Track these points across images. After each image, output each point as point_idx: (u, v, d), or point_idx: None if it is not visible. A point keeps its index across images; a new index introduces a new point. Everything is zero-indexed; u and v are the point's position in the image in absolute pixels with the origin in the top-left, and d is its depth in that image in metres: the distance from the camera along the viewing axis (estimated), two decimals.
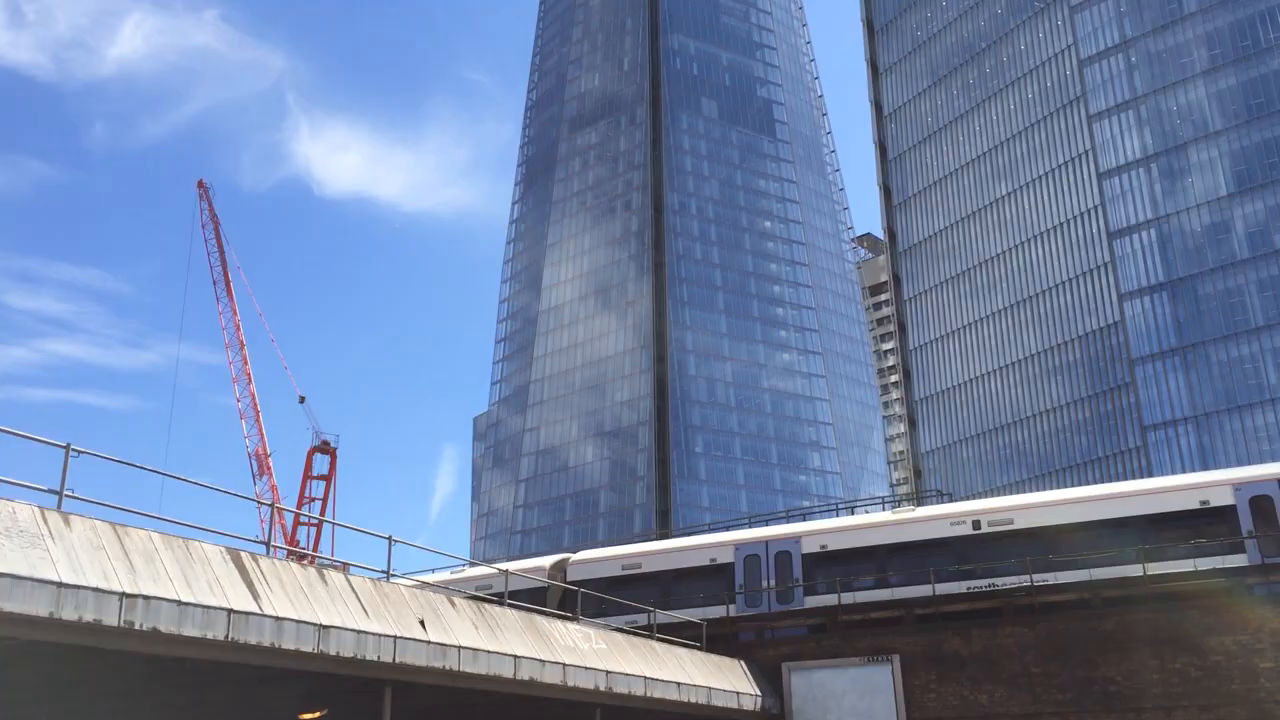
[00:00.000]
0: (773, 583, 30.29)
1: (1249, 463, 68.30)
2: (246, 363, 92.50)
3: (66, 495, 13.53)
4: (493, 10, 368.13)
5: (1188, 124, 79.07)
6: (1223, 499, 26.27)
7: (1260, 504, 25.87)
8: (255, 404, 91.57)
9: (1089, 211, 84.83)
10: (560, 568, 33.77)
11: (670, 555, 32.51)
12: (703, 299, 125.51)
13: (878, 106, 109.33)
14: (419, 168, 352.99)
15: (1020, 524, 28.12)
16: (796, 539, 30.64)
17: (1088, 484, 65.14)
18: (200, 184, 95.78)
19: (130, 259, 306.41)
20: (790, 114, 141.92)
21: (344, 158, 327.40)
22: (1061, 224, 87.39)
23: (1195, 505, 26.54)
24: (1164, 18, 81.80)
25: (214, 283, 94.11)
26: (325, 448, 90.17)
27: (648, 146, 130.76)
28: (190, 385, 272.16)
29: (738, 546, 31.28)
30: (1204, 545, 25.85)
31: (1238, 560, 25.39)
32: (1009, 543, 27.89)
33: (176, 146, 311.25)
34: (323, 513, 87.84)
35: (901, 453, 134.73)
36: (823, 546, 30.11)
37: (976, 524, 28.54)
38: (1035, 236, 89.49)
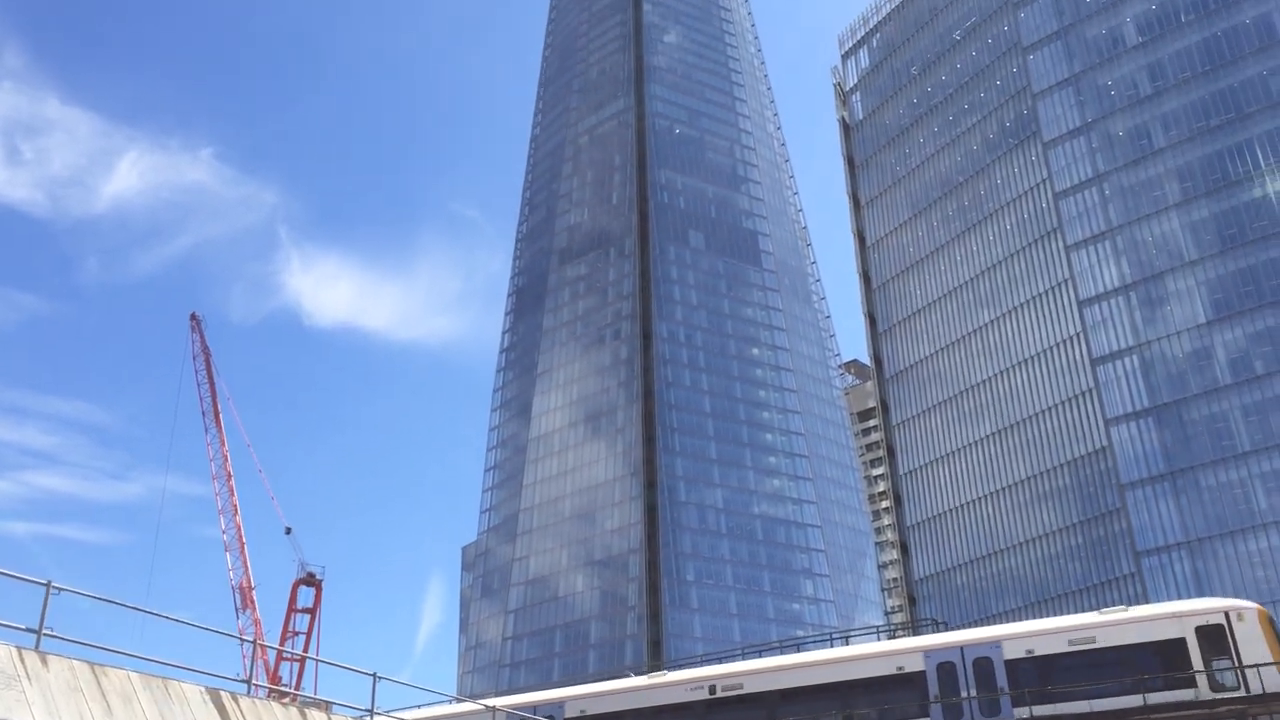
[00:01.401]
0: None
1: (1244, 589, 67.76)
2: (233, 494, 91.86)
3: (45, 634, 13.41)
4: (484, 146, 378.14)
5: (1164, 254, 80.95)
6: (915, 665, 27.20)
7: (946, 670, 26.89)
8: (240, 536, 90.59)
9: (1071, 338, 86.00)
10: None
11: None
12: (692, 425, 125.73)
13: (860, 237, 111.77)
14: (408, 298, 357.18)
15: (749, 689, 28.59)
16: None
17: (1083, 611, 64.46)
18: (193, 316, 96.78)
19: (117, 391, 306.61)
20: (775, 244, 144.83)
21: (334, 289, 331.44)
22: (1045, 350, 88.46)
23: (894, 671, 27.36)
24: (1135, 153, 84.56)
25: (203, 414, 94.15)
26: (310, 580, 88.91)
27: (636, 277, 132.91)
28: (174, 517, 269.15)
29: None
30: (898, 709, 26.96)
31: None
32: (739, 707, 28.38)
33: (168, 280, 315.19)
34: (306, 647, 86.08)
35: (895, 580, 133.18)
36: (581, 711, 30.51)
37: (712, 689, 28.97)
38: (1020, 363, 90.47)
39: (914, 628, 76.82)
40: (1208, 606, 26.21)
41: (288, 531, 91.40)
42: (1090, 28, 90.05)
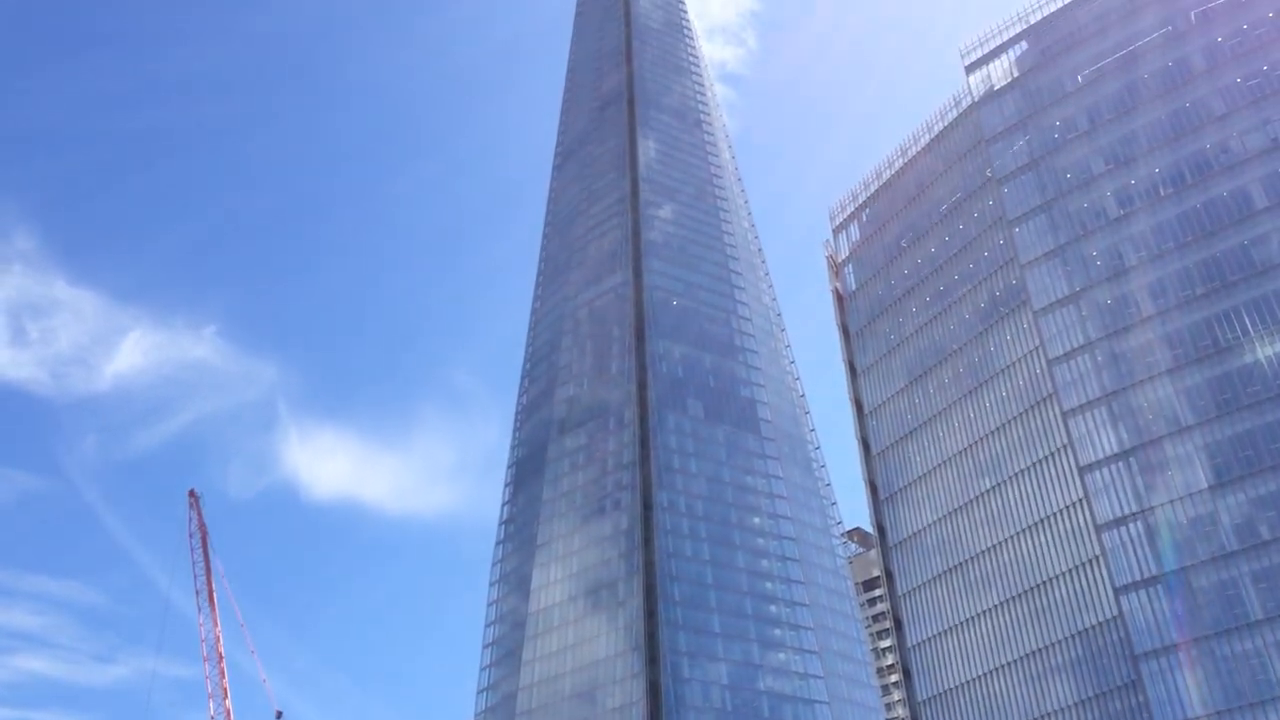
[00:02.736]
0: None
1: None
2: (224, 676, 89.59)
3: None
4: (483, 318, 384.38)
5: (1160, 419, 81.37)
6: None
7: None
8: None
9: (1074, 505, 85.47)
10: None
11: None
12: (694, 597, 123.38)
13: (858, 404, 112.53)
14: (406, 470, 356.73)
15: None
16: None
17: None
18: (191, 493, 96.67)
19: (109, 569, 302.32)
20: (774, 412, 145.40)
21: (332, 462, 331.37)
22: (1048, 517, 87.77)
23: None
24: (1123, 321, 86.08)
25: (196, 593, 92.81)
26: None
27: (636, 446, 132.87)
28: (161, 700, 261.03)
29: None
30: None
31: None
32: None
33: (166, 456, 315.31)
34: None
35: None
36: None
37: None
38: (1024, 530, 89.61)
39: None
40: None
41: (279, 716, 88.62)
42: (1072, 202, 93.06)
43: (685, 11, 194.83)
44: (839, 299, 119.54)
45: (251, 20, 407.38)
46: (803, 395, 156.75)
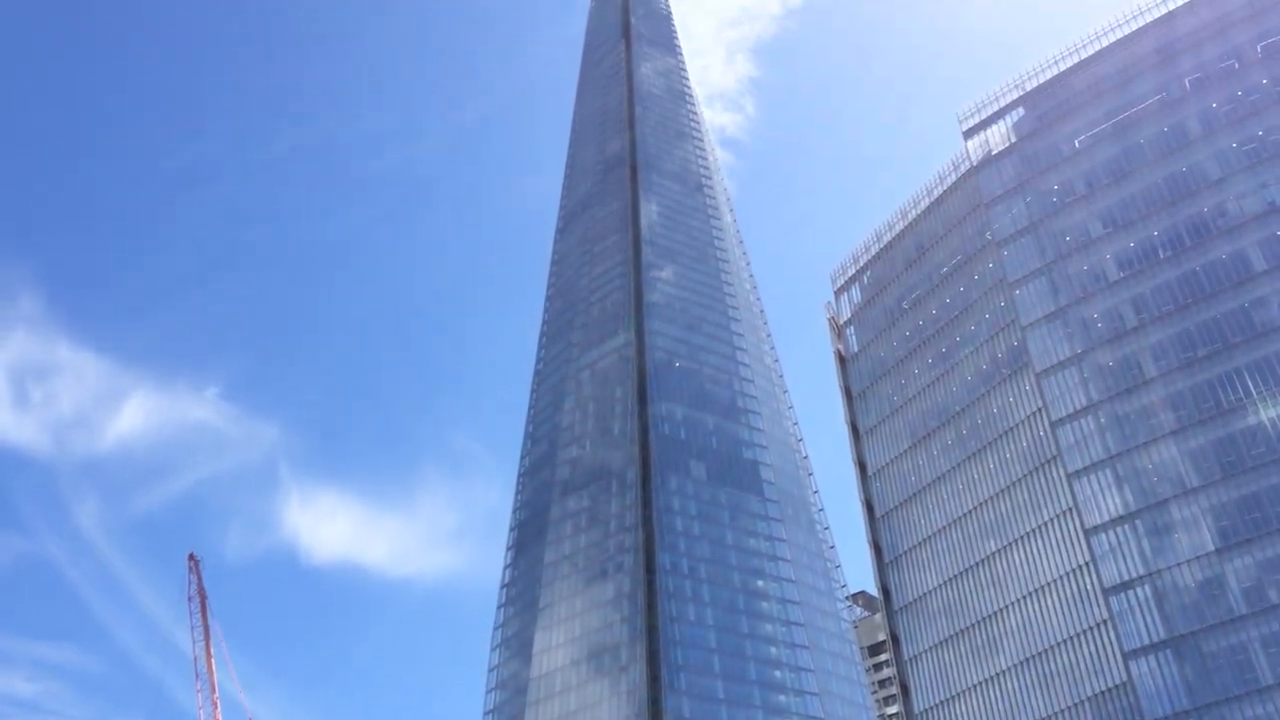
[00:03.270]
0: None
1: None
2: None
3: None
4: (484, 379, 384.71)
5: (1165, 482, 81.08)
6: None
7: None
8: None
9: (1081, 568, 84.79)
10: None
11: None
12: (698, 662, 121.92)
13: (861, 466, 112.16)
14: (407, 532, 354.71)
15: None
16: None
17: None
18: (191, 557, 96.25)
19: (106, 633, 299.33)
20: (777, 474, 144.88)
21: (332, 525, 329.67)
22: (1055, 580, 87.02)
23: None
24: (1126, 382, 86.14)
25: (194, 659, 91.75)
26: None
27: (638, 508, 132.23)
28: None
29: None
30: None
31: None
32: None
33: (166, 518, 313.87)
34: None
35: None
36: None
37: None
38: (1030, 593, 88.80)
39: None
40: None
41: None
42: (1072, 264, 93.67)
43: (686, 78, 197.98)
44: (841, 360, 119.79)
45: (250, 102, 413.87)
46: (806, 457, 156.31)
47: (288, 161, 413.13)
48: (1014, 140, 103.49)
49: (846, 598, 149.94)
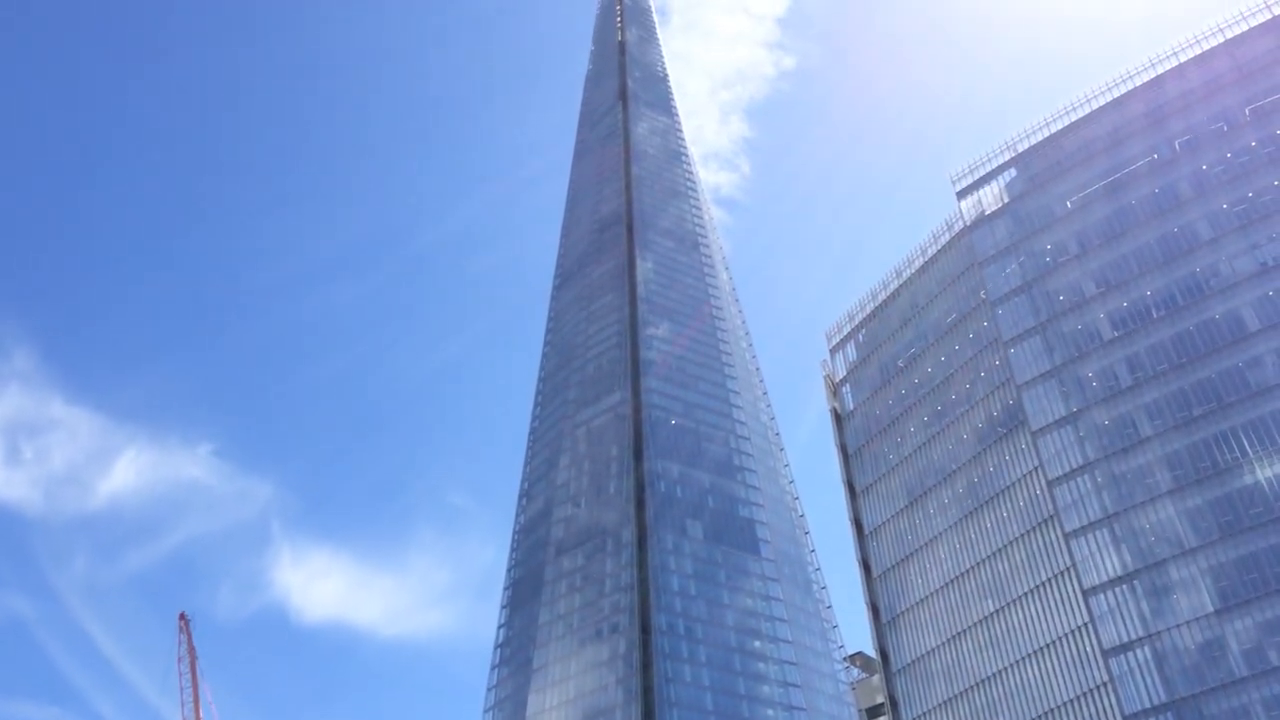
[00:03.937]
0: None
1: None
2: None
3: None
4: (479, 437, 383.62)
5: (1163, 542, 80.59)
6: None
7: None
8: None
9: (1080, 629, 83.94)
10: None
11: None
12: None
13: (858, 525, 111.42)
14: (400, 591, 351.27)
15: None
16: None
17: None
18: (182, 616, 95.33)
19: (95, 694, 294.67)
20: (773, 533, 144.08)
21: (324, 584, 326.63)
22: (1054, 642, 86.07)
23: None
24: (1122, 442, 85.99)
25: None
26: None
27: (634, 568, 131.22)
28: None
29: None
30: None
31: None
32: None
33: (156, 577, 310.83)
34: None
35: None
36: None
37: None
38: (1029, 655, 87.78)
39: None
40: None
41: None
42: (1066, 323, 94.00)
43: (682, 138, 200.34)
44: (837, 418, 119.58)
45: (235, 147, 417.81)
46: (802, 515, 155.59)
47: (285, 215, 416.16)
48: (1007, 200, 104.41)
49: (844, 658, 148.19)
